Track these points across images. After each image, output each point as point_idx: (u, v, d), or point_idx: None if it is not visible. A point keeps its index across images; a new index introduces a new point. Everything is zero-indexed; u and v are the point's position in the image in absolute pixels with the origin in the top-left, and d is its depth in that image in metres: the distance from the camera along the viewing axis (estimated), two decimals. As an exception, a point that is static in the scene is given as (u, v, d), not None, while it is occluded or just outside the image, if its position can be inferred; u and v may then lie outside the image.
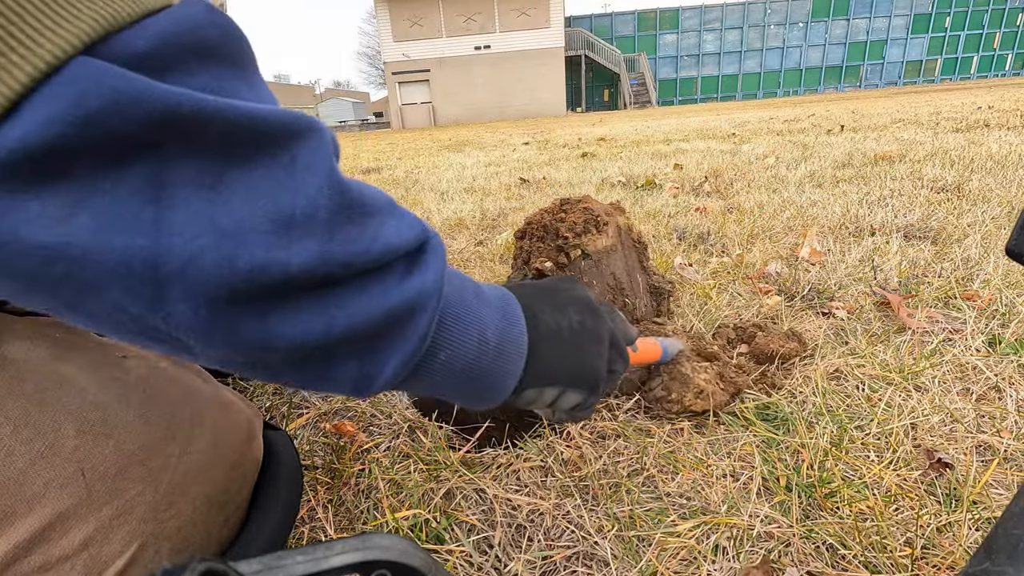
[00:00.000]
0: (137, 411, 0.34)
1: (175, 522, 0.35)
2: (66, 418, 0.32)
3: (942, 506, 0.47)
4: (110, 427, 0.33)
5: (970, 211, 1.32)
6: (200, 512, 0.36)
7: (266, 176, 0.21)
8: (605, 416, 0.62)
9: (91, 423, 0.32)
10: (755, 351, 0.70)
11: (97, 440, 0.32)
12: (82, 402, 0.33)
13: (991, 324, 0.75)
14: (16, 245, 0.17)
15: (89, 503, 0.31)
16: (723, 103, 19.97)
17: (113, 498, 0.32)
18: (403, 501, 0.53)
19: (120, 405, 0.34)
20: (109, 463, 0.32)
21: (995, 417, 0.57)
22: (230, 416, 0.40)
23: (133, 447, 0.33)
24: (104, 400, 0.34)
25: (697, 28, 26.65)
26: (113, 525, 0.32)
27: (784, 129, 4.26)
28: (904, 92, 12.76)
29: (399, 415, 0.67)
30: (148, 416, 0.35)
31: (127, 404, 0.34)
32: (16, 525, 0.30)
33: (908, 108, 5.43)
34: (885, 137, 3.04)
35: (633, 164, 2.88)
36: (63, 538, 0.31)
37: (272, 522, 0.41)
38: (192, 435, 0.36)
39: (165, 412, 0.36)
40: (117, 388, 0.35)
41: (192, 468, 0.35)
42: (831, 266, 1.03)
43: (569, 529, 0.48)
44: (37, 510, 0.30)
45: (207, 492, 0.36)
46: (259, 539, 0.40)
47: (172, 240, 0.19)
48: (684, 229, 1.40)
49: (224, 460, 0.38)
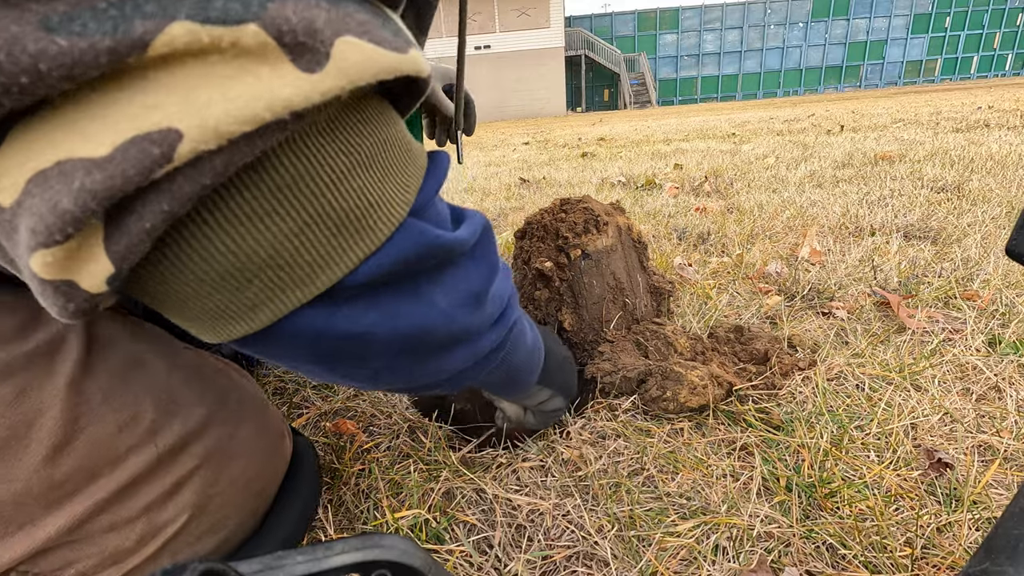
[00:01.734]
0: (197, 394, 0.38)
1: (218, 500, 0.38)
2: (145, 394, 0.36)
3: (942, 506, 0.47)
4: (177, 406, 0.37)
5: (970, 211, 1.32)
6: (238, 495, 0.39)
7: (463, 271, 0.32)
8: (605, 416, 0.62)
9: (164, 401, 0.36)
10: (752, 351, 0.70)
11: (168, 417, 0.36)
12: (156, 382, 0.37)
13: (991, 324, 0.75)
14: (330, 333, 0.27)
15: (156, 471, 0.35)
16: (723, 103, 19.96)
17: (175, 469, 0.35)
18: (403, 501, 0.53)
19: (184, 388, 0.38)
20: (176, 437, 0.36)
21: (995, 417, 0.57)
22: (268, 411, 0.44)
23: (194, 425, 0.37)
24: (172, 383, 0.37)
25: (697, 28, 26.65)
26: (171, 494, 0.35)
27: (784, 129, 4.26)
28: (904, 92, 12.76)
29: (399, 415, 0.67)
30: (205, 399, 0.38)
31: (189, 387, 0.38)
32: (99, 483, 0.33)
33: (908, 108, 5.43)
34: (885, 137, 3.05)
35: (633, 164, 2.88)
36: (131, 500, 0.34)
37: (290, 521, 0.43)
38: (240, 421, 0.40)
39: (218, 397, 0.39)
40: (180, 373, 0.39)
41: (237, 451, 0.39)
42: (831, 266, 1.03)
43: (569, 529, 0.48)
44: (117, 472, 0.33)
45: (246, 477, 0.39)
46: (277, 534, 0.42)
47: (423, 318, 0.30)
48: (684, 229, 1.40)
49: (262, 450, 0.41)
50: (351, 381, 0.32)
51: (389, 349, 0.29)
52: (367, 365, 0.30)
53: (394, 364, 0.31)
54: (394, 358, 0.30)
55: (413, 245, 0.27)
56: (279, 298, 0.24)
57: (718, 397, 0.61)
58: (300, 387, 0.75)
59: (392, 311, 0.28)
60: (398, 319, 0.28)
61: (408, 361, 0.31)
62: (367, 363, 0.30)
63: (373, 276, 0.26)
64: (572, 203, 0.74)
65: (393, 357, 0.30)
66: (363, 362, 0.30)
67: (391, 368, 0.31)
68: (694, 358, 0.67)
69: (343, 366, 0.29)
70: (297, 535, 0.43)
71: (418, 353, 0.31)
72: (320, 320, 0.26)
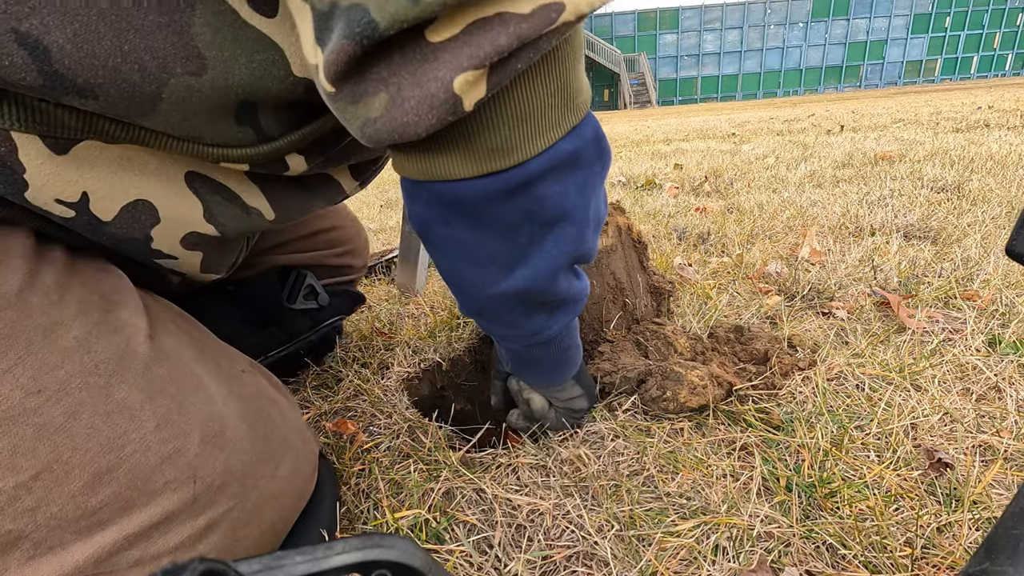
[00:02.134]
0: (248, 429, 0.37)
1: (245, 543, 0.36)
2: (195, 426, 0.34)
3: (942, 506, 0.47)
4: (225, 441, 0.35)
5: (970, 211, 1.32)
6: (264, 537, 0.37)
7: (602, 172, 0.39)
8: (604, 416, 0.62)
9: (213, 434, 0.34)
10: (752, 351, 0.70)
11: (213, 452, 0.34)
12: (210, 412, 0.35)
13: (991, 324, 0.75)
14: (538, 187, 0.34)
15: (191, 510, 0.33)
16: (723, 103, 19.96)
17: (209, 509, 0.33)
18: (403, 501, 0.53)
19: (236, 420, 0.36)
20: (216, 475, 0.34)
21: (995, 417, 0.57)
22: (307, 447, 0.42)
23: (238, 464, 0.35)
24: (225, 413, 0.36)
25: (697, 28, 26.66)
26: (202, 535, 0.33)
27: (784, 129, 4.26)
28: (904, 92, 12.76)
29: (399, 415, 0.67)
30: (254, 436, 0.37)
31: (241, 420, 0.37)
32: (132, 516, 0.31)
33: (908, 108, 5.43)
34: (885, 137, 3.05)
35: (633, 164, 2.88)
36: (162, 538, 0.32)
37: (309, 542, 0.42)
38: (280, 460, 0.38)
39: (265, 434, 0.38)
40: (236, 403, 0.37)
41: (272, 492, 0.37)
42: (831, 266, 1.03)
43: (569, 529, 0.48)
44: (152, 506, 0.31)
45: (275, 518, 0.38)
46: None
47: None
48: (684, 229, 1.40)
49: (294, 490, 0.39)
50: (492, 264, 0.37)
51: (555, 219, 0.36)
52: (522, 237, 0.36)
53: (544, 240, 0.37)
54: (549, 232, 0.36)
55: (594, 123, 0.36)
56: (548, 133, 0.32)
57: (718, 397, 0.61)
58: (300, 387, 0.75)
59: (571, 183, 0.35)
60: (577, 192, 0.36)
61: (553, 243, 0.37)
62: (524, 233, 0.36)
63: (579, 143, 0.34)
64: None
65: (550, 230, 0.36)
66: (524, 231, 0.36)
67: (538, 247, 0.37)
68: (694, 358, 0.67)
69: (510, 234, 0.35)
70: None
71: (599, 226, 0.41)
72: (537, 167, 0.33)
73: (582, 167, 0.35)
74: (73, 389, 0.30)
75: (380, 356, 0.82)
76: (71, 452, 0.29)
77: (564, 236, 0.37)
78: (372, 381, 0.75)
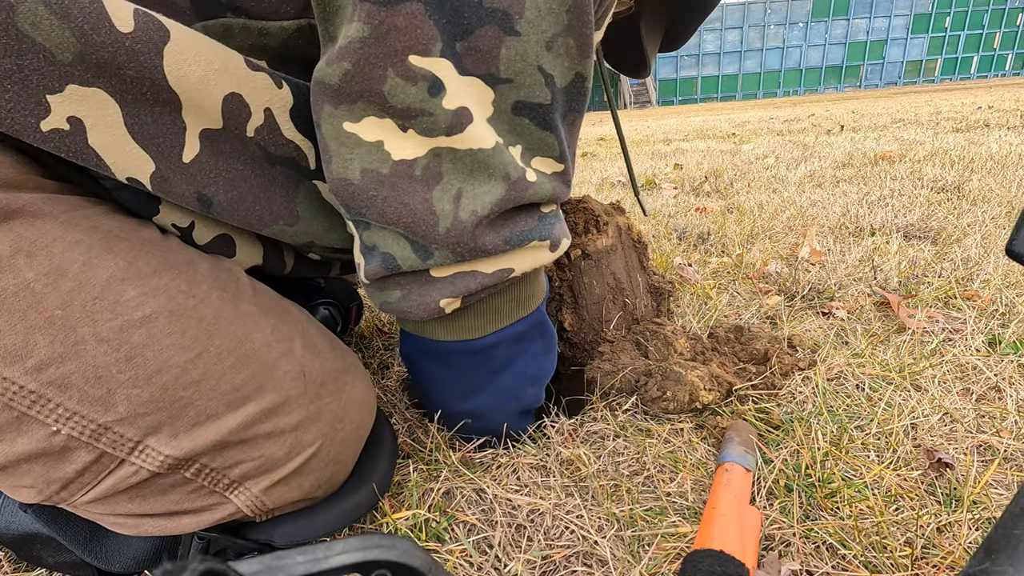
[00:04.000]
0: (330, 345, 0.47)
1: (342, 435, 0.45)
2: (296, 335, 0.44)
3: (942, 506, 0.47)
4: (318, 350, 0.45)
5: (970, 211, 1.32)
6: (353, 435, 0.46)
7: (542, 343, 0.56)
8: (604, 416, 0.62)
9: (308, 343, 0.44)
10: (752, 351, 0.70)
11: (312, 355, 0.44)
12: (302, 328, 0.45)
13: (991, 324, 0.75)
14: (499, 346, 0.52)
15: (303, 396, 0.42)
16: (723, 103, 19.94)
17: (317, 399, 0.43)
18: (403, 501, 0.53)
19: (321, 337, 0.47)
20: (318, 373, 0.43)
21: (995, 417, 0.57)
22: (368, 376, 0.52)
23: (330, 368, 0.45)
24: (312, 332, 0.46)
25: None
26: (313, 419, 0.42)
27: (784, 129, 4.26)
28: (904, 92, 12.76)
29: (399, 415, 0.67)
30: (335, 352, 0.47)
31: (325, 338, 0.47)
32: (264, 395, 0.40)
33: (908, 108, 5.43)
34: (885, 137, 3.05)
35: (633, 164, 2.88)
36: (286, 416, 0.40)
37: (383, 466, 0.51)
38: (356, 375, 0.48)
39: (344, 352, 0.49)
40: (316, 326, 0.48)
41: (355, 398, 0.46)
42: (831, 266, 1.03)
43: (569, 529, 0.48)
44: (278, 389, 0.40)
45: (359, 421, 0.47)
46: (375, 475, 0.50)
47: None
48: (684, 229, 1.40)
49: (368, 401, 0.49)
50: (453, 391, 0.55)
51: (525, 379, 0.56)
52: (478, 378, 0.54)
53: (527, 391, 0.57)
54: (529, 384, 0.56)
55: (537, 320, 0.53)
56: (503, 321, 0.50)
57: (717, 399, 0.61)
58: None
59: (527, 351, 0.54)
60: (528, 361, 0.55)
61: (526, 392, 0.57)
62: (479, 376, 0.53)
63: (519, 331, 0.51)
64: (572, 203, 0.74)
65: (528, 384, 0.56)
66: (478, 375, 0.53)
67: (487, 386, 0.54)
68: (694, 358, 0.67)
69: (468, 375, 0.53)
70: (390, 473, 0.52)
71: (540, 380, 0.58)
72: (492, 340, 0.50)
73: (525, 341, 0.53)
74: (214, 299, 0.39)
75: (380, 356, 0.82)
76: (221, 339, 0.38)
77: (507, 382, 0.54)
78: (372, 381, 0.75)
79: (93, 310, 0.34)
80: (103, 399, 0.34)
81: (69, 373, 0.33)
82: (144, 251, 0.38)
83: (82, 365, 0.33)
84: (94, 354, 0.34)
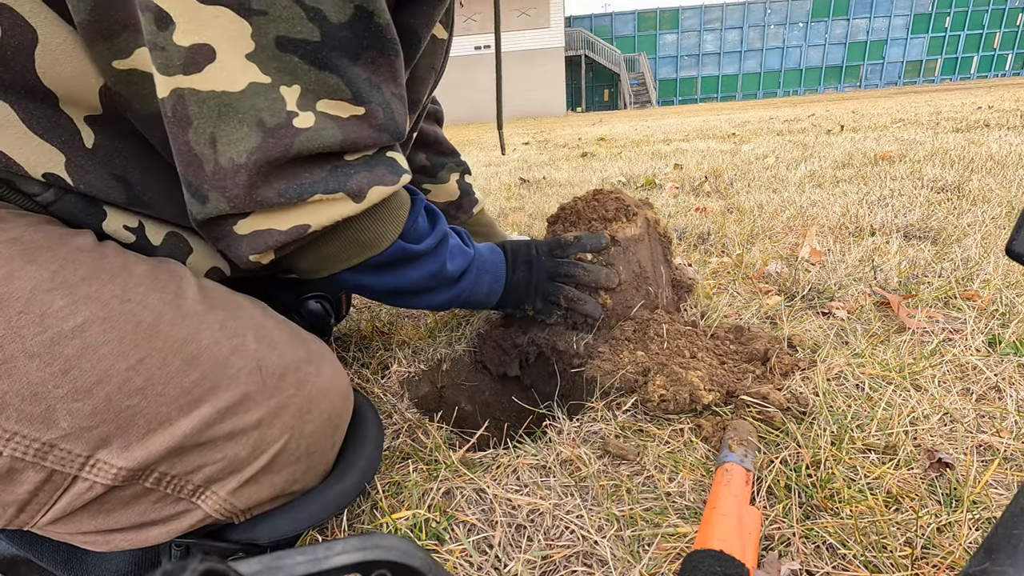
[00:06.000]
0: (288, 337, 0.45)
1: (311, 426, 0.43)
2: (248, 329, 0.42)
3: (942, 506, 0.47)
4: (274, 342, 0.43)
5: (970, 211, 1.32)
6: (325, 425, 0.45)
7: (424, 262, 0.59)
8: (604, 416, 0.62)
9: (263, 337, 0.43)
10: (752, 351, 0.70)
11: (268, 348, 0.42)
12: (256, 322, 0.44)
13: (991, 324, 0.75)
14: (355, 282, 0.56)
15: (262, 391, 0.40)
16: (723, 103, 19.95)
17: (277, 393, 0.41)
18: (402, 501, 0.53)
19: (278, 329, 0.45)
20: (275, 365, 0.41)
21: (995, 417, 0.57)
22: (337, 361, 0.50)
23: (289, 360, 0.43)
24: (267, 324, 0.45)
25: (697, 28, 26.65)
26: (275, 413, 0.40)
27: (784, 129, 4.26)
28: (904, 92, 12.76)
29: (399, 415, 0.67)
30: (295, 343, 0.45)
31: (281, 330, 0.45)
32: (219, 395, 0.38)
33: (908, 108, 5.43)
34: (885, 137, 3.05)
35: (633, 164, 2.88)
36: (245, 414, 0.39)
37: (367, 451, 0.50)
38: (321, 364, 0.46)
39: (305, 341, 0.47)
40: (273, 318, 0.47)
41: (321, 388, 0.44)
42: (831, 266, 1.03)
43: (569, 529, 0.48)
44: (232, 387, 0.39)
45: (329, 410, 0.45)
46: (358, 462, 0.49)
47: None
48: (684, 229, 1.40)
49: (340, 389, 0.47)
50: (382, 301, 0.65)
51: (386, 293, 0.60)
52: (382, 297, 0.62)
53: (395, 299, 0.62)
54: (392, 297, 0.61)
55: (395, 253, 0.54)
56: (349, 263, 0.52)
57: (717, 399, 0.61)
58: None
59: (382, 278, 0.56)
60: (384, 281, 0.57)
61: (402, 298, 0.61)
62: (381, 297, 0.61)
63: (375, 263, 0.53)
64: (605, 193, 0.78)
65: (391, 296, 0.61)
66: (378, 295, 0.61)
67: (395, 299, 0.62)
68: (694, 358, 0.67)
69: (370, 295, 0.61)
70: (376, 457, 0.51)
71: (404, 295, 0.60)
72: (352, 277, 0.54)
73: (388, 267, 0.55)
74: (152, 301, 0.38)
75: (380, 356, 0.82)
76: (163, 342, 0.37)
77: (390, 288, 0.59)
78: (372, 381, 0.75)
79: (19, 325, 0.33)
80: (43, 416, 0.33)
81: (2, 393, 0.32)
82: (72, 259, 0.37)
83: (15, 383, 0.32)
84: (26, 371, 0.32)
